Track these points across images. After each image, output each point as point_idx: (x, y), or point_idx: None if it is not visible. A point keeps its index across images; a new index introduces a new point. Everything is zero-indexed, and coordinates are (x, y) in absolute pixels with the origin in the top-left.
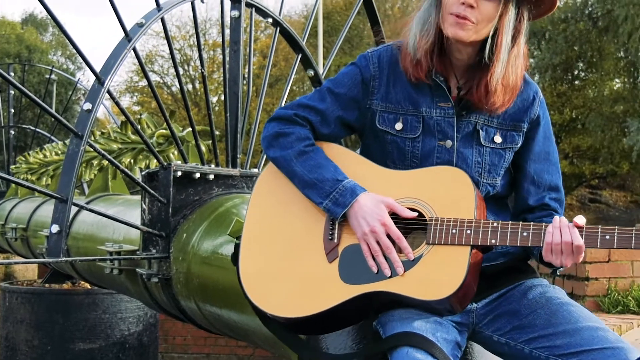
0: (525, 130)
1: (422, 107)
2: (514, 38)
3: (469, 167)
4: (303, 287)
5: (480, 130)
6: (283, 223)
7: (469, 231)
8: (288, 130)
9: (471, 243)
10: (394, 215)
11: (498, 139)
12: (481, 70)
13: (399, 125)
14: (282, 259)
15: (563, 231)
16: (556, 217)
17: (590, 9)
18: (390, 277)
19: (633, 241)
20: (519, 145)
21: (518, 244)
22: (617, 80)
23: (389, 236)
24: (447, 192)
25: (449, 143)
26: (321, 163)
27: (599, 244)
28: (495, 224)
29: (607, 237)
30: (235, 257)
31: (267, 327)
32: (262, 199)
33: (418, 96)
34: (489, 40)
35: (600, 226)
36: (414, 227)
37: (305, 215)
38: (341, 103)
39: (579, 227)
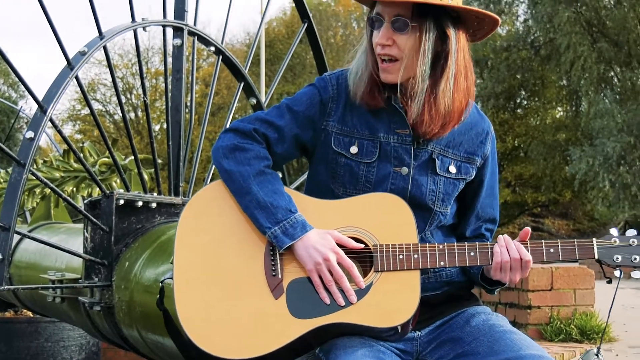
0: (478, 164)
1: (380, 133)
2: (445, 62)
3: (423, 194)
4: (253, 327)
5: (436, 159)
6: (218, 259)
7: (416, 255)
8: (247, 146)
9: (420, 267)
10: (340, 247)
11: (453, 169)
12: (426, 102)
13: (354, 149)
14: (224, 299)
15: (510, 248)
16: (500, 236)
17: (532, 38)
18: (343, 307)
19: (576, 251)
20: (472, 177)
21: (467, 264)
22: (559, 108)
23: (340, 266)
24: (387, 218)
25: (405, 170)
26: (279, 189)
27: (545, 257)
28: (441, 247)
29: (552, 250)
30: (162, 299)
31: None
32: (190, 236)
33: (375, 121)
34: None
35: (543, 240)
36: (359, 256)
37: (241, 250)
38: (298, 121)
39: (524, 242)
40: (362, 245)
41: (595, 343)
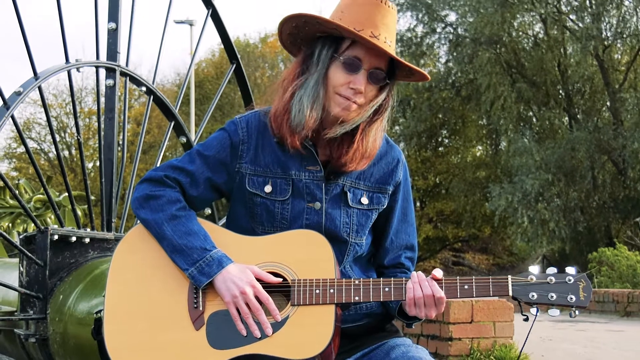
0: (390, 192)
1: (292, 170)
2: (382, 113)
3: (338, 227)
4: (174, 357)
5: (348, 192)
6: (146, 293)
7: (332, 290)
8: (159, 193)
9: (335, 301)
10: (259, 281)
11: (365, 200)
12: (347, 139)
13: (268, 188)
14: (149, 330)
15: (422, 285)
16: (413, 273)
17: (453, 78)
18: (260, 339)
19: (491, 289)
20: (384, 206)
21: (381, 299)
22: (479, 146)
23: (257, 299)
24: (306, 254)
25: (317, 205)
26: (192, 230)
27: (458, 294)
28: (357, 282)
29: (466, 286)
30: (97, 331)
31: None
32: (121, 272)
33: (287, 160)
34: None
35: (457, 277)
36: (278, 290)
37: (167, 283)
38: (210, 165)
39: (438, 280)
40: (280, 280)
41: None
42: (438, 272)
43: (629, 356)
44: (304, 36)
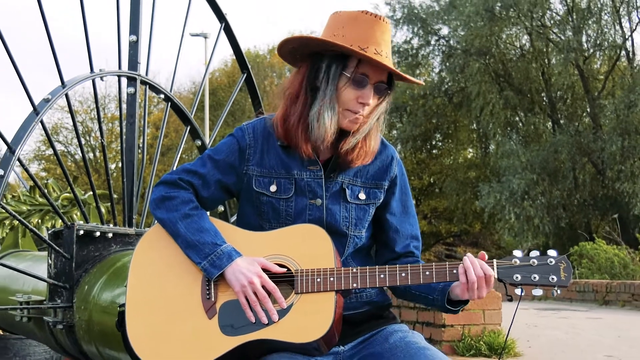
0: (386, 187)
1: (294, 170)
2: (380, 116)
3: (338, 222)
4: (188, 344)
5: (347, 189)
6: (163, 286)
7: (332, 278)
8: (173, 194)
9: (335, 289)
10: (265, 272)
11: (362, 196)
12: (347, 140)
13: (273, 188)
14: (166, 320)
15: (475, 267)
16: (465, 258)
17: (446, 86)
18: (267, 325)
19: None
20: (380, 200)
21: (377, 285)
22: (470, 149)
23: (264, 288)
24: (308, 246)
25: (318, 201)
26: (204, 227)
27: (447, 277)
28: (354, 270)
29: (455, 271)
30: (120, 322)
31: None
32: (141, 267)
33: (289, 161)
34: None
35: (447, 262)
36: (283, 279)
37: (183, 277)
38: (220, 168)
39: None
40: (285, 270)
41: (502, 357)
42: (484, 254)
43: (606, 342)
44: (307, 51)
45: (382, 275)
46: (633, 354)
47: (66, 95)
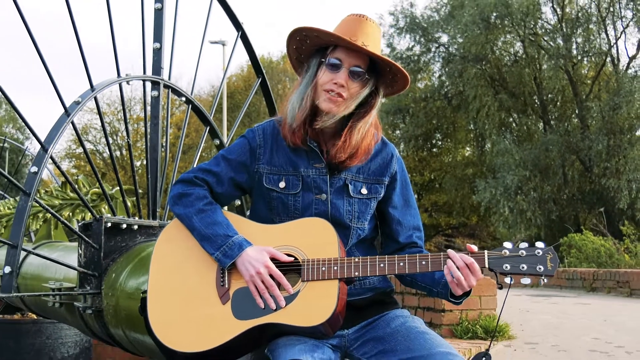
0: (386, 183)
1: (301, 168)
2: (369, 110)
3: (342, 215)
4: (204, 327)
5: (349, 185)
6: (181, 275)
7: (335, 267)
8: (189, 191)
9: (339, 277)
10: (274, 261)
11: (364, 190)
12: (341, 135)
13: (282, 184)
14: (184, 305)
15: (455, 260)
16: (448, 260)
17: (445, 90)
18: (275, 310)
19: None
20: (381, 195)
21: (377, 274)
22: (467, 148)
23: (272, 277)
24: (315, 238)
25: (324, 196)
26: (217, 220)
27: (442, 266)
28: (357, 259)
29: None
30: (142, 308)
31: None
32: (161, 258)
33: (297, 159)
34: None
35: (441, 253)
36: (291, 268)
37: (200, 265)
38: (233, 167)
39: (473, 252)
40: (293, 259)
41: (496, 340)
42: (473, 247)
43: (593, 325)
44: (306, 53)
45: (381, 265)
46: (618, 337)
47: (95, 98)
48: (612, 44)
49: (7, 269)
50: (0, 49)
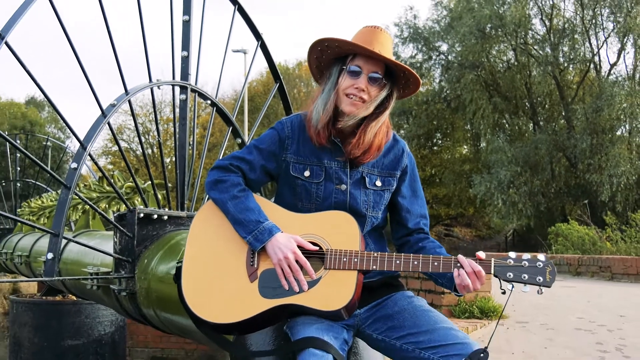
0: (398, 176)
1: (324, 160)
2: (383, 111)
3: (358, 204)
4: (231, 301)
5: (366, 177)
6: (215, 251)
7: (356, 259)
8: (225, 178)
9: (358, 268)
10: (300, 248)
11: (379, 183)
12: (356, 134)
13: (307, 173)
14: (215, 279)
15: (466, 267)
16: (460, 267)
17: (445, 94)
18: (298, 292)
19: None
20: (394, 187)
21: (393, 269)
22: (464, 146)
23: (297, 262)
24: (339, 230)
25: (343, 187)
26: (249, 206)
27: (452, 268)
28: (375, 254)
29: (459, 264)
30: (177, 276)
31: (199, 330)
32: (198, 231)
33: (320, 152)
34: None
35: (452, 257)
36: (315, 255)
37: (232, 245)
38: (263, 155)
39: (481, 260)
40: (317, 248)
41: (491, 319)
42: (481, 254)
43: (578, 306)
44: (326, 62)
45: (397, 262)
46: (600, 316)
47: (129, 101)
48: (595, 53)
49: (50, 255)
50: (45, 58)
